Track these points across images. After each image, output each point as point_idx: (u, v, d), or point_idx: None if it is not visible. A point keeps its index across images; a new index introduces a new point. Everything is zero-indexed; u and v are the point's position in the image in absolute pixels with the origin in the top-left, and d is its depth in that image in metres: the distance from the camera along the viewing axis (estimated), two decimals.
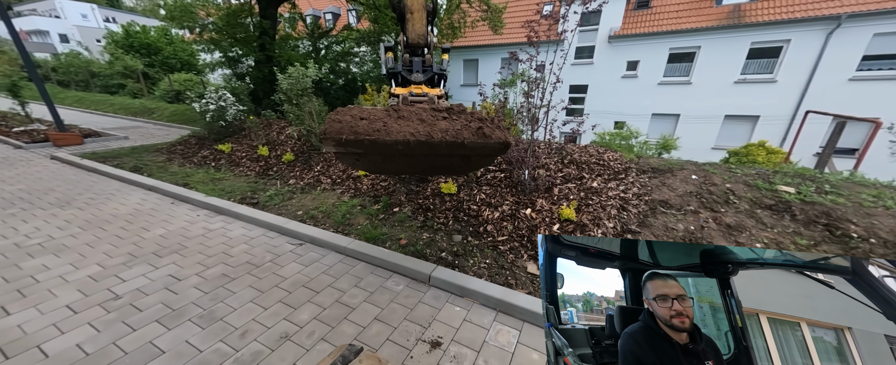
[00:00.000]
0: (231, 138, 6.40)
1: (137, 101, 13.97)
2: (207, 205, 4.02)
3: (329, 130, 1.63)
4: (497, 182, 3.54)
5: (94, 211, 3.81)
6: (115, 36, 18.57)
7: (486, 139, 1.67)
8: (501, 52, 16.96)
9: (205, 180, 4.83)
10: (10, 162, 5.76)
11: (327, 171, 4.77)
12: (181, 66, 19.44)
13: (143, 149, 6.89)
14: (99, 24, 36.67)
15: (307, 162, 5.07)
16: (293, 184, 4.62)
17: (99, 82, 17.70)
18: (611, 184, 3.06)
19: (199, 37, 9.81)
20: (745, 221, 2.48)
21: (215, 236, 3.30)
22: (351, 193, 4.19)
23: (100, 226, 3.44)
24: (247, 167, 5.36)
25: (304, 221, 3.53)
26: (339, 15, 22.25)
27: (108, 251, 2.94)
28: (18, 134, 7.74)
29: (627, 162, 3.39)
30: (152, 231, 3.37)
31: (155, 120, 11.31)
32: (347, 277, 2.65)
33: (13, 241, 3.06)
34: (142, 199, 4.28)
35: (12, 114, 9.90)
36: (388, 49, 2.50)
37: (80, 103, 14.32)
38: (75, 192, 4.43)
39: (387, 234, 3.20)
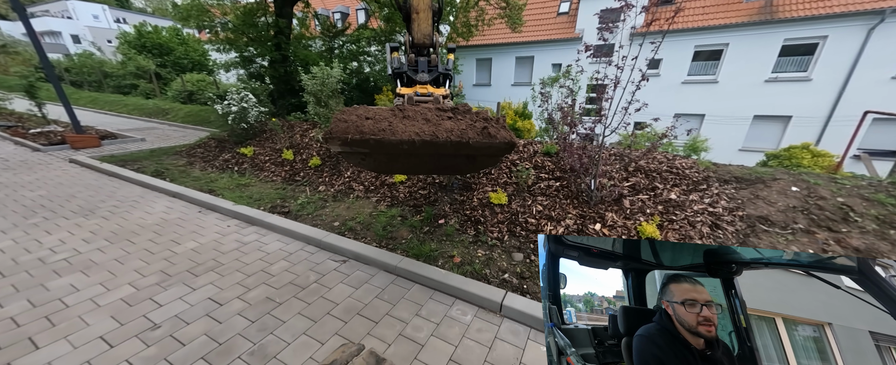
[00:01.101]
0: (252, 141, 6.18)
1: (151, 101, 13.91)
2: (237, 214, 3.78)
3: (335, 130, 1.62)
4: (553, 192, 3.23)
5: (120, 221, 3.59)
6: (127, 36, 18.58)
7: (492, 139, 1.65)
8: (516, 51, 16.60)
9: (230, 186, 4.60)
10: (28, 165, 5.60)
11: (358, 177, 4.51)
12: (193, 67, 19.40)
13: (162, 151, 6.71)
14: (110, 25, 37.03)
15: (336, 167, 4.81)
16: (324, 191, 4.37)
17: (112, 83, 17.72)
18: (692, 196, 2.73)
19: (215, 36, 9.63)
20: (878, 244, 2.15)
21: (251, 251, 3.05)
22: (387, 201, 3.92)
23: (127, 238, 3.21)
24: (272, 172, 5.13)
25: (343, 234, 3.26)
26: (347, 14, 22.11)
27: (139, 268, 2.71)
28: (35, 136, 7.63)
29: (704, 170, 3.06)
30: (183, 244, 3.14)
31: (169, 121, 11.19)
32: (405, 303, 2.37)
33: (37, 255, 2.84)
34: (167, 206, 4.06)
35: (28, 115, 9.85)
36: (394, 49, 2.47)
37: (93, 104, 14.30)
38: (98, 198, 4.23)
39: (437, 250, 2.91)
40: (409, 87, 2.33)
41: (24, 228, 3.35)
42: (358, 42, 12.19)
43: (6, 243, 3.02)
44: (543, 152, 3.77)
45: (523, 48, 16.31)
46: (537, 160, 3.68)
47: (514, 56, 16.83)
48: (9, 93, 11.29)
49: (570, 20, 15.19)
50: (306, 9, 12.30)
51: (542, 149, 3.82)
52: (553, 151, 3.70)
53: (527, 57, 16.52)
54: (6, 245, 2.99)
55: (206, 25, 9.47)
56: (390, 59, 2.41)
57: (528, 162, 3.68)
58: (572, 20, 15.10)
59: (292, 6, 9.91)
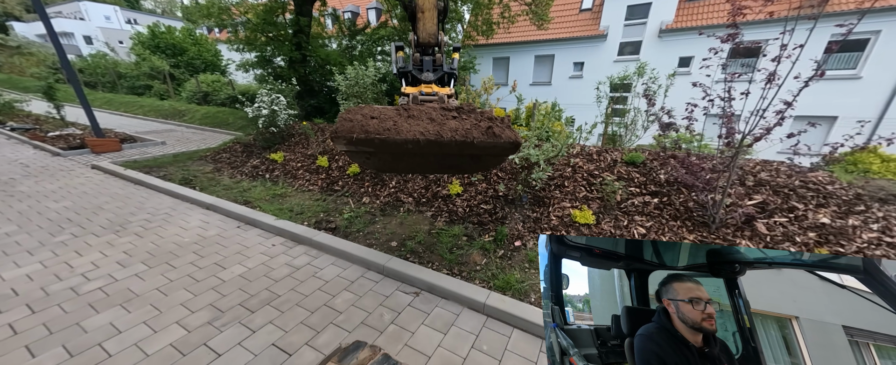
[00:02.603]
0: (281, 146, 5.83)
1: (166, 102, 13.72)
2: (281, 230, 3.41)
3: (340, 129, 1.62)
4: (653, 210, 2.79)
5: (154, 238, 3.25)
6: (141, 37, 18.47)
7: (496, 139, 1.64)
8: (536, 50, 16.08)
9: (266, 197, 4.24)
10: (50, 172, 5.32)
11: (405, 188, 4.12)
12: (205, 67, 19.24)
13: (186, 156, 6.40)
14: (121, 26, 37.30)
15: (378, 175, 4.43)
16: (368, 203, 3.98)
17: (126, 83, 17.62)
18: (851, 220, 2.28)
19: (235, 35, 9.34)
20: None
21: (306, 278, 2.67)
22: (444, 216, 3.52)
23: (166, 260, 2.86)
24: (307, 180, 4.76)
25: (406, 257, 2.87)
26: (357, 14, 21.84)
27: (186, 302, 2.35)
28: (54, 139, 7.39)
29: (849, 185, 2.59)
30: (229, 268, 2.77)
31: (187, 123, 10.95)
32: (517, 360, 1.96)
33: (69, 283, 2.50)
34: (202, 220, 3.71)
35: (45, 117, 9.66)
36: (399, 48, 2.47)
37: (108, 105, 14.16)
38: (127, 210, 3.90)
39: (524, 282, 2.50)
40: (414, 86, 2.32)
41: (52, 246, 3.03)
42: (379, 40, 11.84)
43: (34, 267, 2.69)
44: (626, 161, 3.33)
45: (543, 46, 15.79)
46: (620, 171, 3.24)
47: (533, 55, 16.32)
48: (24, 94, 11.16)
49: (594, 17, 14.63)
50: (323, 7, 11.99)
51: (623, 157, 3.38)
52: (638, 161, 3.26)
53: (546, 55, 15.99)
54: (34, 269, 2.66)
55: (226, 24, 9.19)
56: (395, 59, 2.41)
57: (609, 173, 3.25)
58: (596, 16, 14.53)
59: (312, 5, 9.58)
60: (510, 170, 3.68)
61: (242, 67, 10.02)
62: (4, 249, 2.94)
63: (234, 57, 16.95)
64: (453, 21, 11.98)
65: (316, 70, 10.30)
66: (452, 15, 11.38)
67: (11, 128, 8.57)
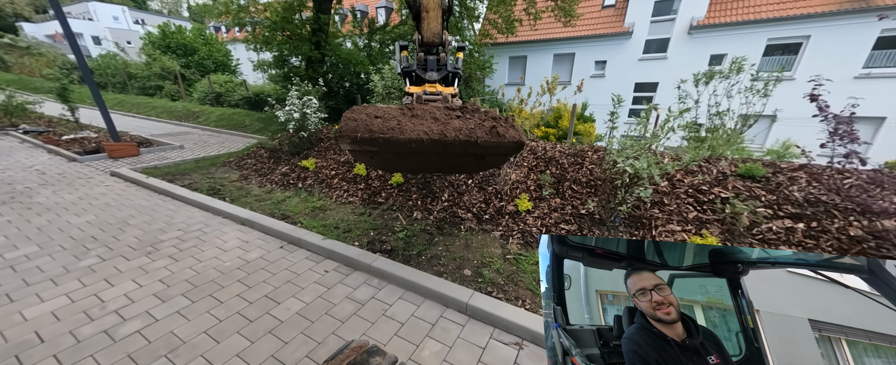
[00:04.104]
0: (310, 151, 5.44)
1: (180, 104, 13.42)
2: (330, 252, 3.01)
3: (345, 129, 1.63)
4: (803, 239, 2.31)
5: (191, 262, 2.86)
6: (151, 36, 18.22)
7: (500, 138, 1.64)
8: (555, 48, 15.57)
9: (304, 211, 3.85)
10: (68, 180, 4.97)
11: (461, 201, 3.70)
12: (216, 67, 18.97)
13: (208, 162, 6.04)
14: (129, 27, 37.33)
15: (427, 186, 4.01)
16: (421, 219, 3.57)
17: (136, 84, 17.39)
18: None
19: (252, 35, 8.97)
20: None
21: (378, 319, 2.26)
22: (517, 237, 3.09)
23: (210, 292, 2.47)
24: (345, 191, 4.36)
25: (488, 291, 2.44)
26: (366, 13, 21.52)
27: (243, 351, 1.95)
28: (69, 143, 7.08)
29: None
30: (283, 303, 2.37)
31: (202, 125, 10.62)
32: None
33: (103, 324, 2.11)
34: (240, 238, 3.33)
35: (58, 119, 9.38)
36: (403, 48, 2.48)
37: (120, 106, 13.89)
38: (155, 226, 3.52)
39: None
40: (418, 85, 2.33)
41: (78, 273, 2.65)
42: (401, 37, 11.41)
43: (60, 302, 2.31)
44: (743, 175, 2.86)
45: (563, 44, 15.28)
46: (735, 186, 2.78)
47: (552, 53, 15.81)
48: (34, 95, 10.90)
49: (617, 13, 14.08)
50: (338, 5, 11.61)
51: (739, 170, 2.91)
52: (759, 175, 2.79)
53: (566, 54, 15.48)
54: (60, 305, 2.28)
55: (244, 22, 8.83)
56: (399, 59, 2.42)
57: (722, 188, 2.79)
58: (620, 13, 13.99)
59: (331, 2, 9.19)
60: (599, 185, 3.24)
61: (260, 68, 9.66)
62: (26, 277, 2.56)
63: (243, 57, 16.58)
64: (470, 19, 11.53)
65: (333, 69, 9.91)
66: (466, 13, 10.93)
67: (24, 130, 8.28)
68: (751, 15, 10.84)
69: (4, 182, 4.73)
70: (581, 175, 3.30)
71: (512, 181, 3.55)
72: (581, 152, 3.65)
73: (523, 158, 3.81)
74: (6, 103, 8.74)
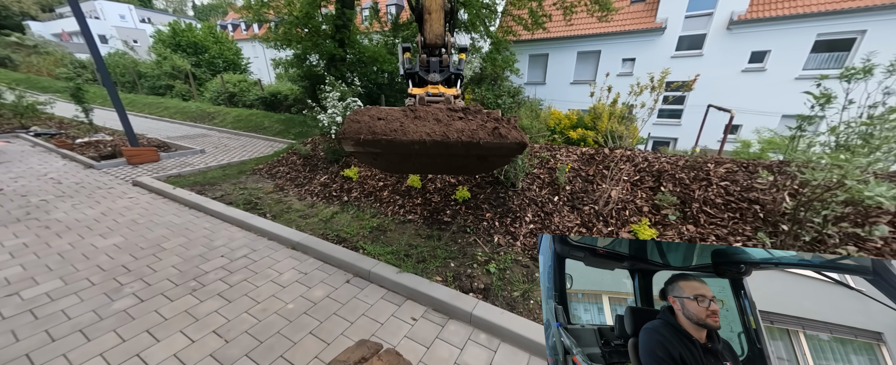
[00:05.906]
0: (350, 158, 4.92)
1: (193, 104, 12.96)
2: (411, 292, 2.48)
3: (348, 130, 1.65)
4: None
5: (247, 303, 2.35)
6: (161, 35, 17.79)
7: (503, 139, 1.65)
8: (579, 45, 14.91)
9: (360, 232, 3.32)
10: (87, 191, 4.49)
11: (550, 222, 3.15)
12: (226, 66, 18.52)
13: (236, 169, 5.54)
14: (136, 25, 37.08)
15: (503, 203, 3.46)
16: (505, 245, 3.03)
17: (146, 83, 16.99)
18: None
19: (274, 32, 8.47)
20: None
21: None
22: None
23: (281, 352, 1.95)
24: (400, 206, 3.83)
25: None
26: (377, 10, 20.99)
27: None
28: (83, 147, 6.60)
29: None
30: None
31: (218, 126, 10.14)
32: None
33: None
34: (296, 269, 2.81)
35: (70, 120, 8.93)
36: (406, 49, 2.50)
37: (131, 106, 13.45)
38: (195, 251, 3.02)
39: None
40: (421, 87, 2.34)
41: (114, 321, 2.14)
42: None
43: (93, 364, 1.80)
44: None
45: (588, 42, 14.64)
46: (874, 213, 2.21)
47: (575, 51, 15.17)
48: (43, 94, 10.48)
49: (648, 9, 13.41)
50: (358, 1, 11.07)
51: None
52: None
53: (591, 52, 14.83)
54: None
55: (265, 19, 8.31)
56: (402, 60, 2.43)
57: (862, 218, 2.22)
58: (650, 9, 13.32)
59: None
60: (766, 212, 2.68)
61: (283, 66, 9.16)
62: (49, 328, 2.06)
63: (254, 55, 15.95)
64: (491, 17, 10.93)
65: (353, 67, 9.37)
66: (484, 11, 10.32)
67: (35, 133, 7.82)
68: (800, 8, 10.17)
69: (18, 193, 4.25)
70: (712, 194, 2.75)
71: (614, 199, 3.00)
72: (701, 165, 3.09)
73: (620, 170, 3.26)
74: (16, 104, 8.30)
